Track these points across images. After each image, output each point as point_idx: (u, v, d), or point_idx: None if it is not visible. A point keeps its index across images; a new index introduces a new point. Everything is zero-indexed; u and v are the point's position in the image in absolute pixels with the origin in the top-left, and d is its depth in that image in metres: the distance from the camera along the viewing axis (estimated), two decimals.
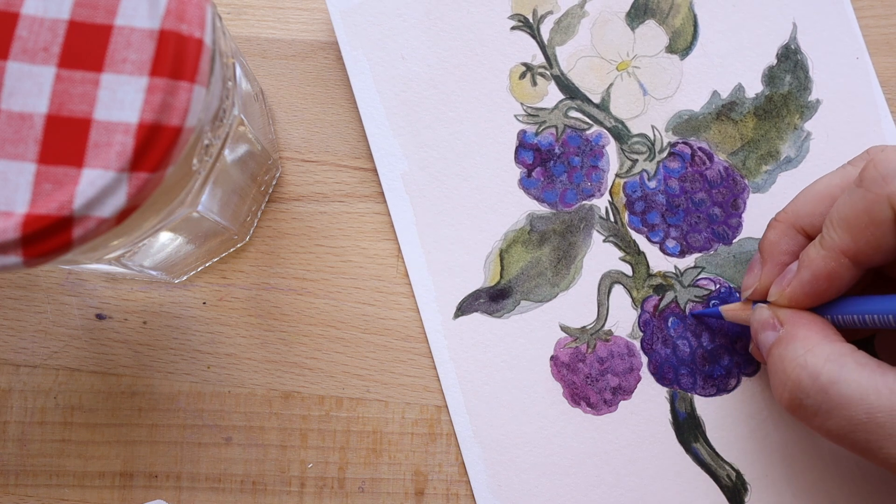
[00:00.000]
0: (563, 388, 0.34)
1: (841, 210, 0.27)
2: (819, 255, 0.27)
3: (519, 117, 0.35)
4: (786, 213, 0.30)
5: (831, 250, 0.27)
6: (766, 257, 0.30)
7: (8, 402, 0.34)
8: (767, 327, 0.29)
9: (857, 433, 0.25)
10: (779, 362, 0.27)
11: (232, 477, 0.34)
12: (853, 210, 0.26)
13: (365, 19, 0.35)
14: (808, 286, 0.28)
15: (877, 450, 0.25)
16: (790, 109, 0.35)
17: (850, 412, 0.25)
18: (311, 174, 0.35)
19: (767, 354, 0.28)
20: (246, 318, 0.34)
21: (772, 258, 0.30)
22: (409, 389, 0.34)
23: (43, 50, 0.22)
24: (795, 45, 0.35)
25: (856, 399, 0.25)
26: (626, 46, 0.35)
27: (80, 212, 0.21)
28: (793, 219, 0.30)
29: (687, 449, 0.33)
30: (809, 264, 0.27)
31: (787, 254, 0.29)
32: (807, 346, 0.26)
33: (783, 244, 0.30)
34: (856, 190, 0.26)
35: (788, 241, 0.30)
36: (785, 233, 0.30)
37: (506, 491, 0.33)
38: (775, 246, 0.30)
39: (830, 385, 0.25)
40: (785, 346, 0.27)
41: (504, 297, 0.34)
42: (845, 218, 0.26)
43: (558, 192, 0.34)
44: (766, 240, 0.30)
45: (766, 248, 0.30)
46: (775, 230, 0.30)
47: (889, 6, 0.35)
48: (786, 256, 0.30)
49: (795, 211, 0.30)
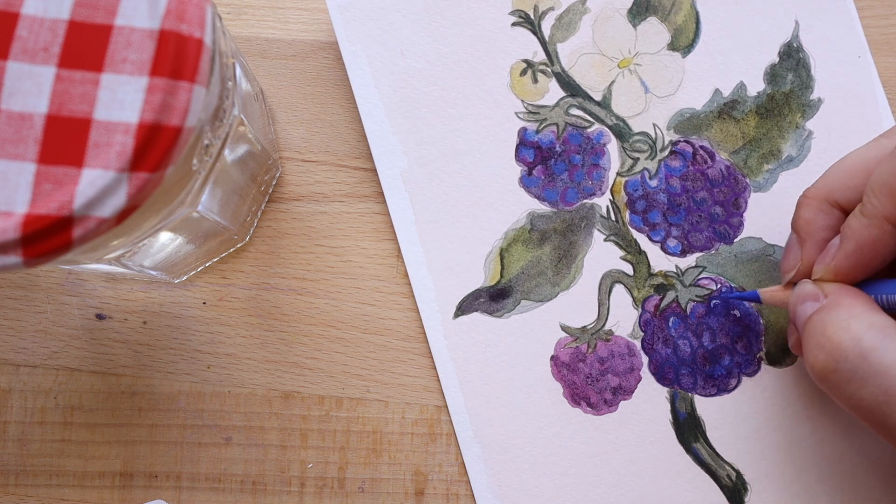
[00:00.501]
0: (563, 388, 0.33)
1: (882, 176, 0.26)
2: (862, 224, 0.26)
3: (519, 115, 0.35)
4: (817, 188, 0.29)
5: (874, 217, 0.26)
6: (804, 236, 0.29)
7: (8, 402, 0.34)
8: (809, 298, 0.28)
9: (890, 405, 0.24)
10: (818, 325, 0.26)
11: (232, 477, 0.34)
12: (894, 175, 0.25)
13: (364, 14, 0.35)
14: (853, 257, 0.27)
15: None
16: (792, 108, 0.35)
17: (889, 382, 0.24)
18: (311, 174, 0.35)
19: (806, 321, 0.27)
20: (246, 318, 0.34)
21: (810, 236, 0.29)
22: (409, 389, 0.34)
23: (43, 50, 0.21)
24: (797, 44, 0.35)
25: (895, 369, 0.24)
26: (628, 43, 0.35)
27: (80, 212, 0.21)
28: (825, 193, 0.29)
29: (687, 449, 0.33)
30: (852, 234, 0.27)
31: (826, 229, 0.29)
32: (851, 313, 0.26)
33: (819, 220, 0.29)
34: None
35: (824, 217, 0.29)
36: (819, 208, 0.29)
37: (506, 491, 0.33)
38: (811, 223, 0.29)
39: (871, 351, 0.24)
40: (828, 312, 0.26)
41: (504, 296, 0.34)
42: (887, 183, 0.26)
43: (559, 190, 0.34)
44: (801, 218, 0.29)
45: (802, 226, 0.29)
46: (808, 207, 0.29)
47: (890, 6, 0.35)
48: (825, 232, 0.29)
49: (828, 185, 0.29)
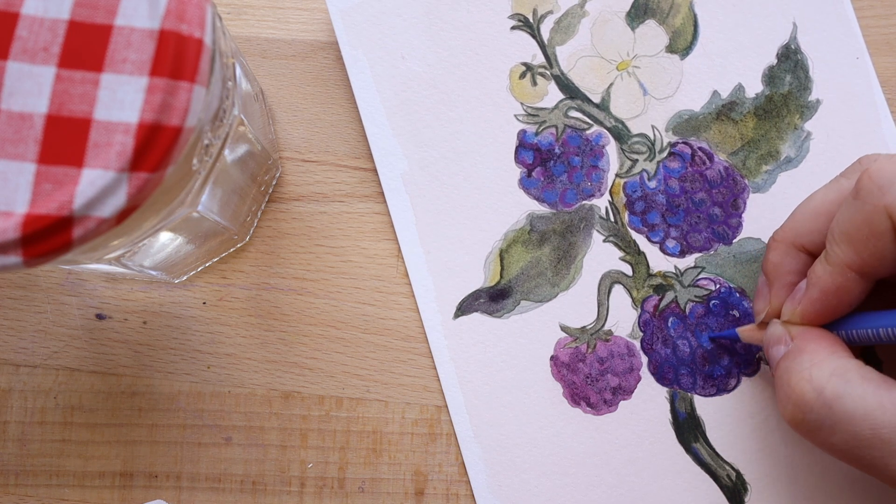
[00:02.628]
0: (563, 388, 0.34)
1: (841, 224, 0.26)
2: (826, 272, 0.27)
3: (519, 117, 0.35)
4: (783, 231, 0.30)
5: (837, 265, 0.27)
6: (772, 279, 0.30)
7: (8, 402, 0.34)
8: (778, 342, 0.28)
9: (861, 449, 0.25)
10: (784, 375, 0.27)
11: (232, 477, 0.34)
12: (853, 223, 0.26)
13: (365, 18, 0.35)
14: (818, 303, 0.27)
15: (882, 466, 0.25)
16: (790, 109, 0.35)
17: (854, 428, 0.25)
18: (311, 174, 0.35)
19: (775, 368, 0.28)
20: (246, 318, 0.34)
21: (777, 279, 0.30)
22: (409, 389, 0.34)
23: (43, 50, 0.22)
24: (795, 45, 0.35)
25: (860, 415, 0.25)
26: (627, 46, 0.35)
27: (80, 212, 0.21)
28: (791, 237, 0.29)
29: (687, 449, 0.33)
30: (817, 281, 0.27)
31: (792, 273, 0.29)
32: (813, 360, 0.26)
33: (786, 264, 0.30)
34: (853, 202, 0.26)
35: (791, 261, 0.29)
36: (786, 252, 0.30)
37: (506, 491, 0.33)
38: (779, 267, 0.30)
39: (835, 400, 0.25)
40: (792, 360, 0.27)
41: (504, 297, 0.34)
42: (846, 232, 0.26)
43: (558, 191, 0.34)
44: (769, 262, 0.30)
45: (771, 270, 0.30)
46: (776, 251, 0.30)
47: (889, 6, 0.35)
48: (791, 276, 0.29)
49: (793, 229, 0.29)
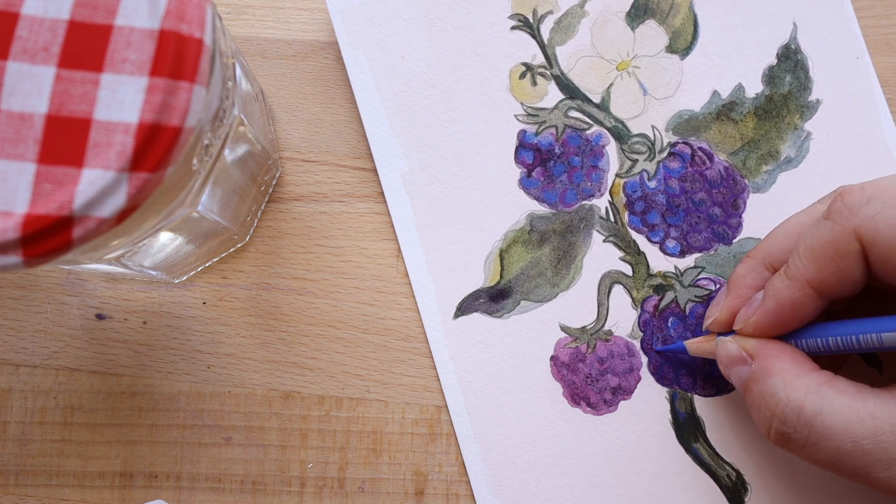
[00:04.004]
0: (563, 388, 0.34)
1: (808, 241, 0.27)
2: (784, 285, 0.27)
3: (519, 117, 0.35)
4: (756, 250, 0.30)
5: (796, 280, 0.27)
6: (731, 289, 0.30)
7: (8, 402, 0.34)
8: (738, 362, 0.29)
9: (844, 462, 0.25)
10: (759, 399, 0.27)
11: (232, 477, 0.34)
12: (819, 241, 0.26)
13: (365, 19, 0.35)
14: (772, 315, 0.28)
15: (867, 475, 0.25)
16: (790, 109, 0.35)
17: (836, 443, 0.25)
18: (311, 174, 0.35)
19: (745, 390, 0.28)
20: (246, 318, 0.34)
21: (735, 290, 0.30)
22: (409, 389, 0.34)
23: (43, 50, 0.22)
24: (796, 45, 0.35)
25: (839, 429, 0.25)
26: (626, 46, 0.35)
27: (80, 212, 0.21)
28: (762, 255, 0.30)
29: (687, 449, 0.33)
30: (774, 294, 0.28)
31: (752, 287, 0.30)
32: (784, 381, 0.26)
33: (749, 278, 0.30)
34: (823, 222, 0.26)
35: (755, 276, 0.30)
36: (753, 268, 0.30)
37: (506, 491, 0.33)
38: (742, 279, 0.30)
39: (814, 417, 0.25)
40: (763, 382, 0.27)
41: (504, 297, 0.34)
42: (811, 248, 0.26)
43: (558, 192, 0.34)
44: (735, 273, 0.31)
45: (733, 280, 0.30)
46: (745, 265, 0.30)
47: (889, 6, 0.35)
48: (749, 290, 0.30)
49: (765, 248, 0.30)
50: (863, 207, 0.25)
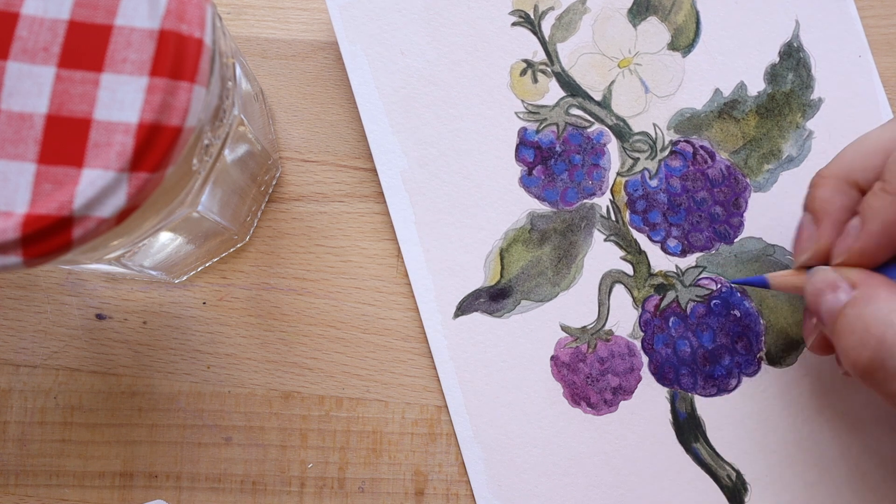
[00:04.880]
0: (563, 388, 0.33)
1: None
2: (885, 203, 0.25)
3: (520, 115, 0.35)
4: (833, 168, 0.28)
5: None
6: (822, 216, 0.28)
7: (8, 402, 0.34)
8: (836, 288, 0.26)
9: None
10: (857, 321, 0.25)
11: (232, 477, 0.34)
12: None
13: (363, 14, 0.35)
14: (877, 237, 0.26)
15: None
16: (792, 108, 0.35)
17: None
18: (311, 174, 0.35)
19: (838, 315, 0.26)
20: (246, 318, 0.34)
21: (828, 216, 0.27)
22: (409, 389, 0.34)
23: (43, 50, 0.21)
24: (798, 43, 0.35)
25: None
26: (628, 43, 0.35)
27: (80, 212, 0.21)
28: (844, 173, 0.27)
29: (687, 449, 0.33)
30: (876, 215, 0.25)
31: (844, 210, 0.27)
32: (891, 306, 0.24)
33: (837, 200, 0.27)
34: None
35: (842, 197, 0.27)
36: (838, 188, 0.27)
37: (506, 491, 0.33)
38: (829, 203, 0.27)
39: None
40: (864, 306, 0.25)
41: (504, 296, 0.34)
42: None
43: (559, 190, 0.34)
44: (817, 199, 0.28)
45: (820, 206, 0.28)
46: (825, 187, 0.28)
47: (891, 6, 0.35)
48: (843, 213, 0.27)
49: (846, 166, 0.27)
50: None
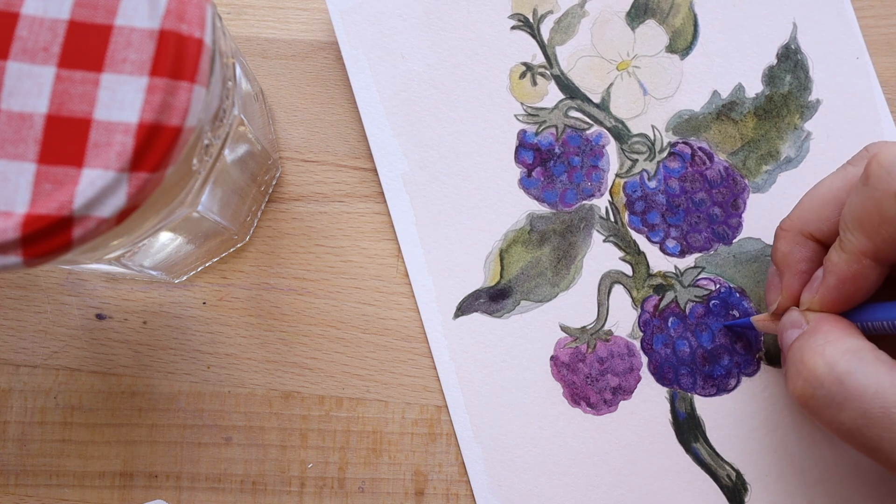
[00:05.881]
0: (563, 388, 0.34)
1: (852, 211, 0.26)
2: (841, 259, 0.27)
3: (519, 117, 0.35)
4: (791, 220, 0.30)
5: (851, 253, 0.27)
6: (783, 268, 0.30)
7: (8, 402, 0.34)
8: (794, 325, 0.28)
9: (869, 429, 0.25)
10: (797, 352, 0.27)
11: (232, 477, 0.34)
12: (864, 210, 0.26)
13: (364, 18, 0.35)
14: (835, 290, 0.27)
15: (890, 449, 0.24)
16: (790, 109, 0.35)
17: (865, 405, 0.24)
18: (311, 174, 0.35)
19: (788, 348, 0.28)
20: (246, 318, 0.34)
21: (788, 268, 0.30)
22: (409, 389, 0.34)
23: (43, 50, 0.22)
24: (795, 45, 0.35)
25: (871, 392, 0.24)
26: (627, 46, 0.35)
27: (80, 212, 0.21)
28: (800, 225, 0.29)
29: (687, 449, 0.33)
30: (833, 269, 0.27)
31: (802, 261, 0.29)
32: (827, 338, 0.26)
33: (796, 252, 0.29)
34: (863, 189, 0.26)
35: (800, 249, 0.29)
36: (795, 241, 0.29)
37: (506, 491, 0.33)
38: (789, 256, 0.30)
39: (847, 375, 0.25)
40: (806, 339, 0.27)
41: (504, 297, 0.34)
42: (857, 219, 0.26)
43: (558, 191, 0.34)
44: (779, 251, 0.30)
45: (781, 259, 0.30)
46: (785, 240, 0.30)
47: (889, 6, 0.35)
48: (801, 264, 0.29)
49: (801, 217, 0.29)
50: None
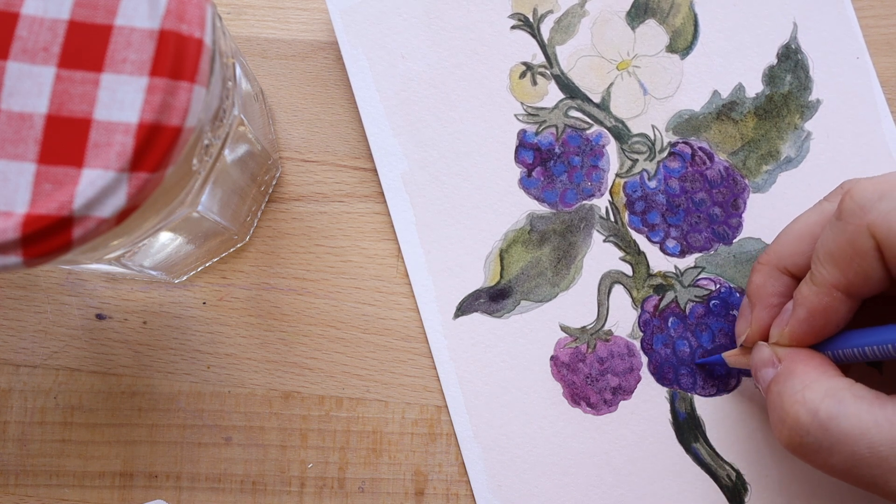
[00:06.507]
0: (563, 388, 0.34)
1: (825, 245, 0.27)
2: (812, 292, 0.27)
3: (519, 117, 0.35)
4: (768, 255, 0.30)
5: (822, 286, 0.27)
6: (755, 301, 0.30)
7: (8, 402, 0.34)
8: (767, 364, 0.28)
9: (860, 468, 0.25)
10: (776, 399, 0.27)
11: (232, 477, 0.34)
12: (836, 244, 0.26)
13: (364, 18, 0.35)
14: (805, 324, 0.27)
15: (883, 484, 0.24)
16: (790, 109, 0.35)
17: (852, 448, 0.25)
18: (311, 174, 0.35)
19: (766, 391, 0.28)
20: (246, 318, 0.34)
21: (760, 301, 0.30)
22: (409, 389, 0.34)
23: (43, 50, 0.22)
24: (796, 45, 0.35)
25: (856, 434, 0.25)
26: (627, 46, 0.35)
27: (80, 212, 0.21)
28: (775, 260, 0.30)
29: (687, 449, 0.33)
30: (804, 301, 0.27)
31: (775, 295, 0.30)
32: (804, 382, 0.26)
33: (769, 286, 0.30)
34: (836, 223, 0.26)
35: (774, 283, 0.30)
36: (770, 275, 0.30)
37: (506, 491, 0.33)
38: (762, 289, 0.30)
39: (829, 420, 0.25)
40: (783, 383, 0.27)
41: (504, 297, 0.34)
42: (830, 252, 0.26)
43: (558, 191, 0.34)
44: (752, 284, 0.30)
45: (753, 291, 0.30)
46: (760, 273, 0.30)
47: (889, 6, 0.35)
48: (774, 298, 0.30)
49: (777, 252, 0.30)
50: (875, 204, 0.25)
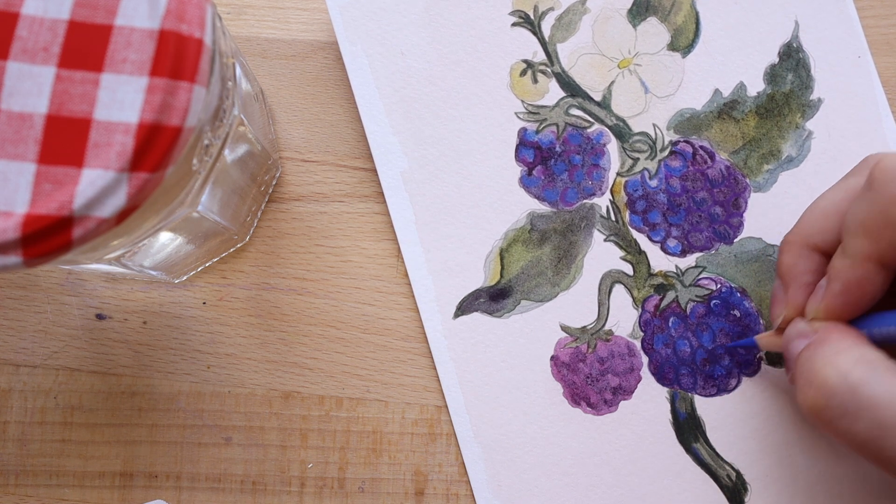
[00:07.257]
0: (563, 388, 0.33)
1: (856, 216, 0.26)
2: (846, 265, 0.27)
3: (519, 115, 0.35)
4: (795, 233, 0.30)
5: (856, 258, 0.27)
6: (788, 280, 0.30)
7: (8, 402, 0.34)
8: (801, 336, 0.28)
9: (884, 439, 0.24)
10: (807, 363, 0.26)
11: (232, 477, 0.34)
12: (869, 214, 0.26)
13: (364, 14, 0.35)
14: (841, 297, 0.27)
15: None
16: (792, 108, 0.35)
17: (880, 415, 0.24)
18: (311, 174, 0.35)
19: (796, 359, 0.27)
20: (246, 318, 0.34)
21: (793, 280, 0.30)
22: (409, 389, 0.34)
23: (43, 50, 0.21)
24: (797, 44, 0.35)
25: (885, 401, 0.24)
26: (628, 44, 0.35)
27: (80, 212, 0.21)
28: (803, 238, 0.30)
29: (687, 449, 0.33)
30: (838, 275, 0.27)
31: (807, 273, 0.29)
32: (838, 348, 0.26)
33: (800, 265, 0.30)
34: (867, 194, 0.26)
35: (805, 261, 0.29)
36: (799, 253, 0.30)
37: (506, 491, 0.33)
38: (794, 268, 0.30)
39: (860, 385, 0.25)
40: (815, 349, 0.27)
41: (504, 296, 0.34)
42: (862, 223, 0.26)
43: (559, 190, 0.34)
44: (783, 264, 0.30)
45: (785, 271, 0.30)
46: (789, 253, 0.30)
47: (890, 6, 0.35)
48: (807, 276, 0.29)
49: (804, 230, 0.30)
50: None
